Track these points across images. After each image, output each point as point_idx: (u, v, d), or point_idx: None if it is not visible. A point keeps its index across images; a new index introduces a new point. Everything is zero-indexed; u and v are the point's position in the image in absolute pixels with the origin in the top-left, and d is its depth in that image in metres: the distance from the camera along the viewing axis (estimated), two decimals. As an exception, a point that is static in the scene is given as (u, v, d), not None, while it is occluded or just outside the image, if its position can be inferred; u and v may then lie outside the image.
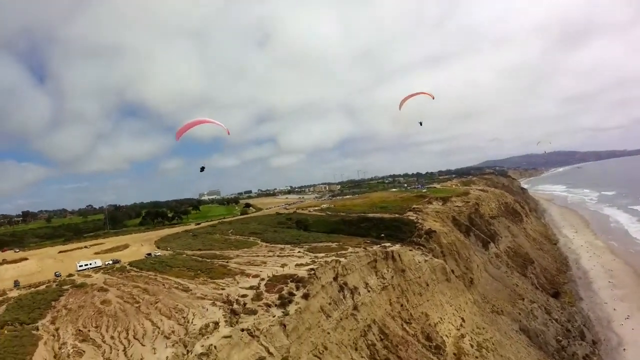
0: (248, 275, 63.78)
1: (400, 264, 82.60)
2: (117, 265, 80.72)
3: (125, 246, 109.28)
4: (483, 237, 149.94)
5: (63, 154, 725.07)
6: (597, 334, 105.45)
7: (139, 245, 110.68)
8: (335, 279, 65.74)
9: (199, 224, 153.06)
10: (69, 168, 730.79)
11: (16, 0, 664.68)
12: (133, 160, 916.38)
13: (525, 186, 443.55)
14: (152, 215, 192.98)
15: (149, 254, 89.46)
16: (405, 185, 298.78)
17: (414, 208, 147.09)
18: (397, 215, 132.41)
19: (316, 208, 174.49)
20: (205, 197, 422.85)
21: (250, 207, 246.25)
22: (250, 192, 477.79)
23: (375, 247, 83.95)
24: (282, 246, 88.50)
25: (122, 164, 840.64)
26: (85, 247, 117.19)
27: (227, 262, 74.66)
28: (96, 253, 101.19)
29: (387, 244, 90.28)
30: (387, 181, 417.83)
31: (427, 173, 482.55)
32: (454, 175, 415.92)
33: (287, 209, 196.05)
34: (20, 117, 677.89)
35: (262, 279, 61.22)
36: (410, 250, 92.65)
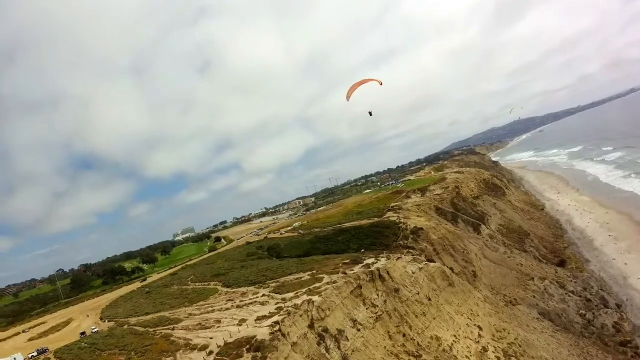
0: (194, 347, 45.66)
1: (391, 283, 63.76)
2: (42, 357, 61.48)
3: (67, 322, 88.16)
4: (472, 221, 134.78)
5: (23, 219, 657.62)
6: (617, 296, 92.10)
7: (83, 317, 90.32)
8: (310, 326, 47.69)
9: (144, 279, 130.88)
10: (33, 233, 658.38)
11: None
12: (99, 213, 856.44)
13: (495, 159, 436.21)
14: (109, 273, 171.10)
15: (83, 333, 70.39)
16: (379, 183, 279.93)
17: (392, 207, 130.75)
18: (376, 219, 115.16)
19: (288, 228, 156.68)
20: (180, 237, 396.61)
21: (222, 240, 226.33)
22: (225, 222, 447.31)
23: (356, 268, 64.91)
24: (245, 289, 69.56)
25: (88, 218, 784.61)
26: (24, 331, 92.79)
27: (173, 328, 56.18)
28: (30, 339, 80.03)
29: (371, 259, 71.99)
30: (359, 183, 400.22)
31: (397, 167, 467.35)
32: (424, 164, 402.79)
33: (258, 235, 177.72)
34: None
35: (211, 352, 43.14)
36: (398, 258, 75.46)
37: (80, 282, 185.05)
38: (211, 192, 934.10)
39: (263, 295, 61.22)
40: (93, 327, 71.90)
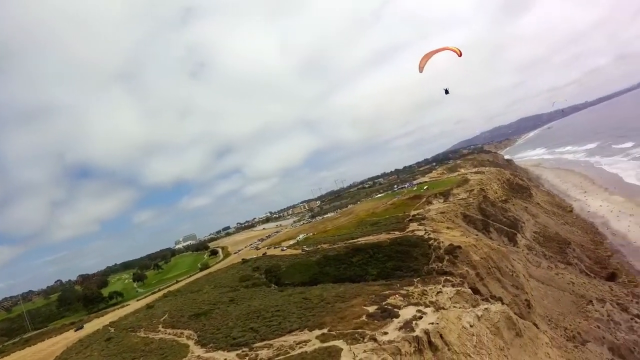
0: None
1: (446, 352, 39.48)
2: None
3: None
4: (505, 229, 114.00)
5: (24, 228, 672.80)
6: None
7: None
8: None
9: (80, 328, 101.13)
10: (37, 241, 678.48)
11: None
12: (102, 221, 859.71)
13: (507, 157, 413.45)
14: (82, 299, 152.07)
15: None
16: (395, 186, 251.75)
17: (414, 216, 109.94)
18: (397, 233, 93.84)
19: (291, 242, 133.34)
20: (181, 245, 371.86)
21: (218, 253, 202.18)
22: (228, 227, 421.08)
23: (391, 330, 40.89)
24: (224, 357, 48.43)
25: (91, 226, 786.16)
26: None
27: None
28: None
29: (409, 310, 47.83)
30: (367, 185, 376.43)
31: (405, 167, 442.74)
32: (434, 164, 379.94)
33: (258, 248, 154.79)
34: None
35: None
36: (439, 293, 55.37)
37: (66, 300, 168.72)
38: (214, 197, 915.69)
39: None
40: None
